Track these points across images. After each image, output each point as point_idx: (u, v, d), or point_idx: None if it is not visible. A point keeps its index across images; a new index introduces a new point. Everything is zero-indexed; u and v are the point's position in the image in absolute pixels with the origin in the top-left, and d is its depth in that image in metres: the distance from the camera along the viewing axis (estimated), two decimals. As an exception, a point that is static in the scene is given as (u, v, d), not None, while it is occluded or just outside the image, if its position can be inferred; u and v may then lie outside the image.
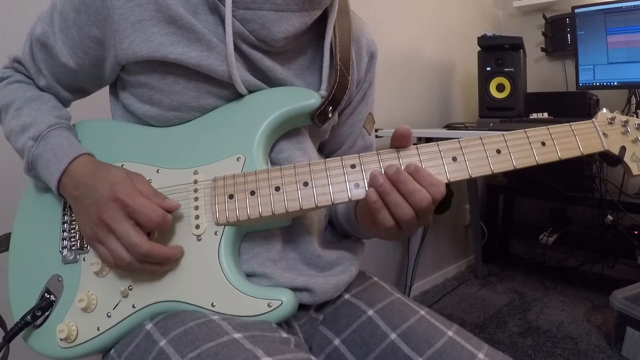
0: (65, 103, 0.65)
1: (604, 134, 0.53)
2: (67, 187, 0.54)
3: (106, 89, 0.64)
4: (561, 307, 1.79)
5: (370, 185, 0.48)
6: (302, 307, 0.56)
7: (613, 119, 0.54)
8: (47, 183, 0.55)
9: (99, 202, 0.50)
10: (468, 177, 0.50)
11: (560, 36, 2.02)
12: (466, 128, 1.69)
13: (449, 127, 1.78)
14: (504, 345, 1.54)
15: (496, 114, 1.70)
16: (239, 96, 0.57)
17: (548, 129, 0.51)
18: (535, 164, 0.50)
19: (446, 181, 0.49)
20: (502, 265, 2.24)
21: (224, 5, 0.52)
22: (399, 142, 0.50)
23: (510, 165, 0.50)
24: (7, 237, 0.62)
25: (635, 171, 0.53)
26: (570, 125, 0.52)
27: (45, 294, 0.55)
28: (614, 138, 0.53)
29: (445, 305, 1.88)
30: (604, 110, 0.55)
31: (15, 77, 0.63)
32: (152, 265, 0.50)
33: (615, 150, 0.53)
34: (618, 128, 0.54)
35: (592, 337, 1.55)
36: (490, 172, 0.50)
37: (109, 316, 0.52)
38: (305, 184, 0.51)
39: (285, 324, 0.57)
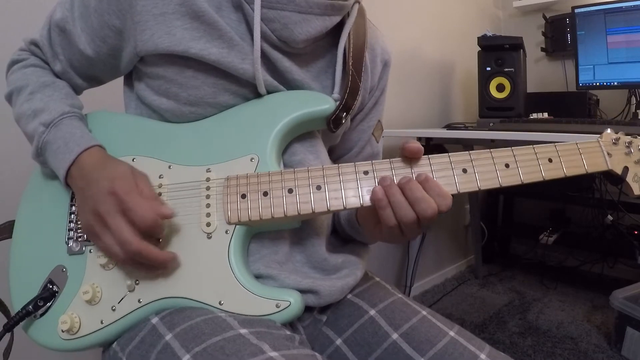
0: (78, 90, 0.65)
1: (608, 154, 0.54)
2: (74, 177, 0.53)
3: (121, 80, 0.64)
4: (561, 307, 1.79)
5: (379, 184, 0.49)
6: (306, 308, 0.55)
7: (617, 139, 0.55)
8: (55, 171, 0.55)
9: (97, 195, 0.50)
10: (477, 189, 0.51)
11: (560, 36, 2.02)
12: (466, 128, 1.69)
13: (449, 127, 1.78)
14: (504, 345, 1.54)
15: (496, 114, 1.70)
16: (256, 95, 0.57)
17: (555, 146, 0.53)
18: (542, 179, 0.52)
19: (455, 192, 0.50)
20: (502, 265, 2.24)
21: (248, 4, 0.53)
22: (409, 156, 0.51)
23: (518, 179, 0.51)
24: (10, 224, 0.61)
25: (636, 191, 0.55)
26: (576, 144, 0.54)
27: (48, 285, 0.54)
28: (618, 158, 0.55)
29: (445, 305, 1.88)
30: (609, 130, 0.56)
31: (30, 60, 0.63)
32: (146, 266, 0.50)
33: (619, 170, 0.54)
34: (622, 148, 0.55)
35: (592, 337, 1.55)
36: (498, 186, 0.51)
37: (114, 310, 0.52)
38: (319, 187, 0.51)
39: (290, 325, 0.57)
